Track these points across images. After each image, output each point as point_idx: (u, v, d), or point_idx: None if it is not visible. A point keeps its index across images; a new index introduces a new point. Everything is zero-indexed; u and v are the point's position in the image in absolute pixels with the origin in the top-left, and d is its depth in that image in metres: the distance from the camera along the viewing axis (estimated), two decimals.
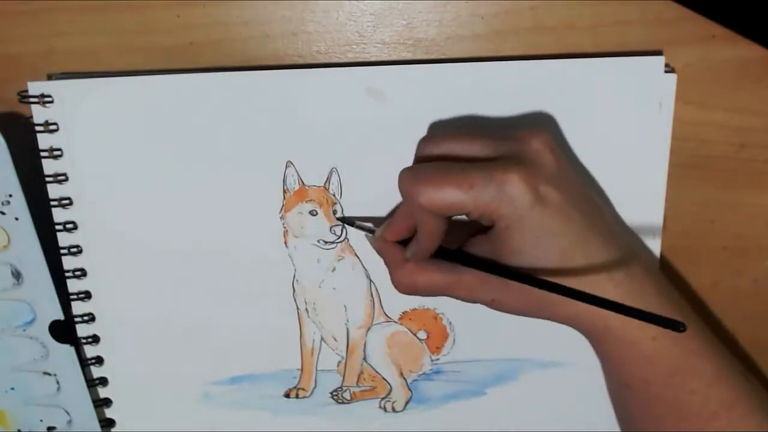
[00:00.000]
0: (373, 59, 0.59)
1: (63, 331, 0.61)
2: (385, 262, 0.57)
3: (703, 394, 0.52)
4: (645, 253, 0.61)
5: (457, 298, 0.55)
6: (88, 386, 0.63)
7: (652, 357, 0.52)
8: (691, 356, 0.52)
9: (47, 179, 0.59)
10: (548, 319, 0.53)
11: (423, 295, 0.56)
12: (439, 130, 0.58)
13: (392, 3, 0.58)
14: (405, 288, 0.55)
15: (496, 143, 0.52)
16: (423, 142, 0.55)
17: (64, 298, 0.61)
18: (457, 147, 0.52)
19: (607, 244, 0.51)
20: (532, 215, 0.48)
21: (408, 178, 0.51)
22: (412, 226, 0.54)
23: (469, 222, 0.52)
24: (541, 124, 0.59)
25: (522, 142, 0.51)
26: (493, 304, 0.54)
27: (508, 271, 0.50)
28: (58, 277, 0.61)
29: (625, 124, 0.59)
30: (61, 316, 0.61)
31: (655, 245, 0.61)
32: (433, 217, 0.50)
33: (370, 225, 0.59)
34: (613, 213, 0.60)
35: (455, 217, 0.51)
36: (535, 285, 0.48)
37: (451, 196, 0.48)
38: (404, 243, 0.55)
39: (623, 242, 0.53)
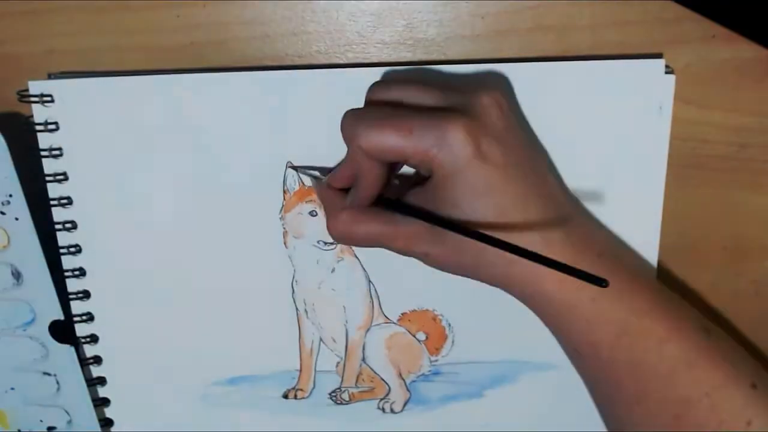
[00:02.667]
0: (373, 59, 0.59)
1: (63, 331, 0.61)
2: (325, 209, 0.56)
3: (656, 353, 0.51)
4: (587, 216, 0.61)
5: (392, 249, 0.54)
6: (87, 386, 0.63)
7: (595, 320, 0.51)
8: (639, 316, 0.51)
9: (47, 178, 0.59)
10: (481, 280, 0.53)
11: (358, 245, 0.57)
12: (393, 76, 0.57)
13: (392, 3, 0.58)
14: (340, 235, 0.54)
15: (446, 95, 0.51)
16: (374, 86, 0.54)
17: (64, 298, 0.61)
18: (406, 94, 0.51)
19: (546, 207, 0.51)
20: (471, 168, 0.48)
21: (350, 119, 0.51)
22: (355, 174, 0.52)
23: (409, 176, 0.52)
24: (498, 84, 0.58)
25: (472, 96, 0.50)
26: (426, 258, 0.53)
27: (440, 220, 0.49)
28: (58, 277, 0.61)
29: (625, 127, 0.59)
30: (61, 316, 0.61)
31: (654, 245, 0.61)
32: (373, 162, 0.50)
33: (317, 173, 0.58)
34: (558, 180, 0.59)
35: (398, 172, 0.52)
36: (463, 233, 0.47)
37: (390, 140, 0.48)
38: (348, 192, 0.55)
39: (564, 207, 0.53)
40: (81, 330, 0.63)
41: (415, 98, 0.51)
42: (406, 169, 0.56)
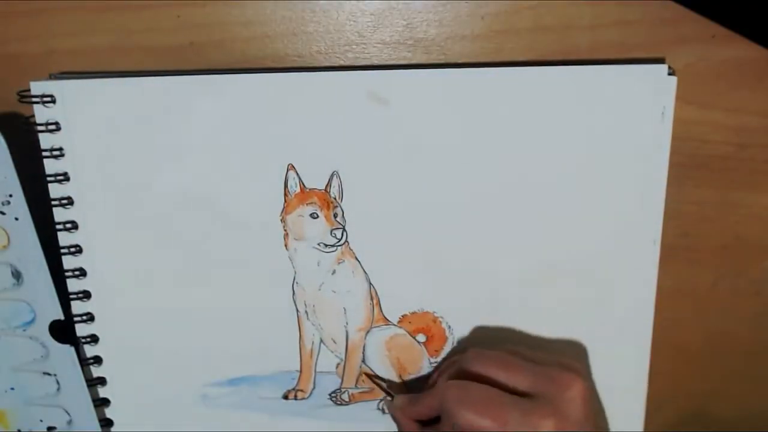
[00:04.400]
0: (373, 59, 0.60)
1: (63, 331, 0.61)
2: (399, 429, 0.62)
3: None
4: None
5: None
6: (87, 386, 0.63)
7: None
8: None
9: (48, 179, 0.59)
10: None
11: None
12: (489, 348, 0.59)
13: (392, 3, 0.58)
14: None
15: (535, 379, 0.54)
16: (472, 357, 0.57)
17: (64, 298, 0.61)
18: (500, 374, 0.55)
19: None
20: None
21: (454, 396, 0.54)
22: (434, 416, 0.57)
23: None
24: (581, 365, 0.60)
25: (559, 388, 0.53)
26: None
27: None
28: (58, 277, 0.60)
29: (627, 130, 0.58)
30: (61, 316, 0.61)
31: (654, 247, 0.61)
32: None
33: (387, 388, 0.63)
34: None
35: None
36: None
37: (486, 425, 0.52)
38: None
39: None
40: (81, 330, 0.63)
41: (508, 379, 0.55)
42: None
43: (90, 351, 0.63)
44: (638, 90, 0.58)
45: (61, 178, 0.59)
